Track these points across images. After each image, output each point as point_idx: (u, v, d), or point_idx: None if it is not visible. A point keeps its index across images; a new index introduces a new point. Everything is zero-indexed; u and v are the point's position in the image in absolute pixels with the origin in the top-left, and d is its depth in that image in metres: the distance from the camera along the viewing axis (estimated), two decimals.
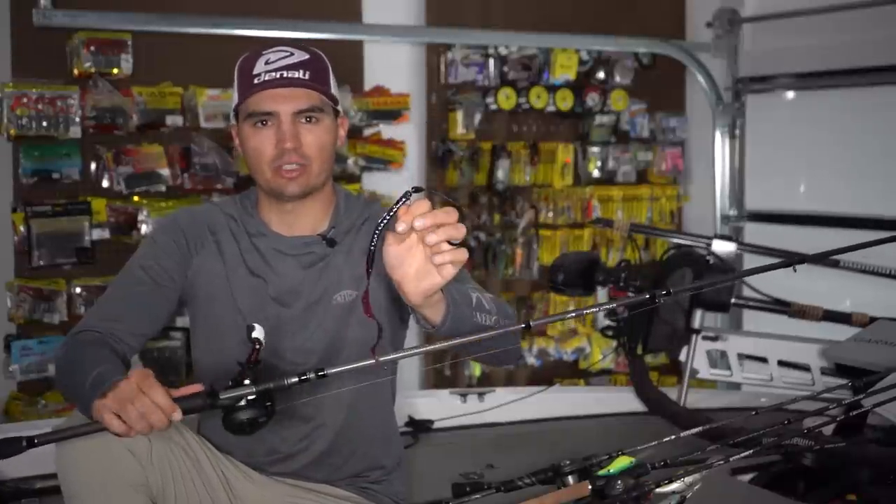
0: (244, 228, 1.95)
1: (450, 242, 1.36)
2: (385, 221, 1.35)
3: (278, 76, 1.82)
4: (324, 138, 1.87)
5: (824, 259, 1.85)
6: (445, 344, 1.46)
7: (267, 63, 1.84)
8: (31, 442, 1.52)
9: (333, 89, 1.91)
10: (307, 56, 1.87)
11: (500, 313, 1.66)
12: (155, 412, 1.50)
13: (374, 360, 1.44)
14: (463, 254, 1.39)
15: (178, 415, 1.52)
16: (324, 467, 1.96)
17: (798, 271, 1.65)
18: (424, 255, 1.39)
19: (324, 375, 1.46)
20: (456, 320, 1.52)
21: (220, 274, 1.92)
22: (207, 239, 1.94)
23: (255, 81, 1.83)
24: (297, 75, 1.83)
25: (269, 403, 1.53)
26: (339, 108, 1.94)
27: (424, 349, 1.46)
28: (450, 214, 1.35)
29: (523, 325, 1.48)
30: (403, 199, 1.33)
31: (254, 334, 1.60)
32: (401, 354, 1.51)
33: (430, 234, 1.34)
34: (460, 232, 1.36)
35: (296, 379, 1.48)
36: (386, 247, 1.39)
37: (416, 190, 1.34)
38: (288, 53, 1.86)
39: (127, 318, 1.85)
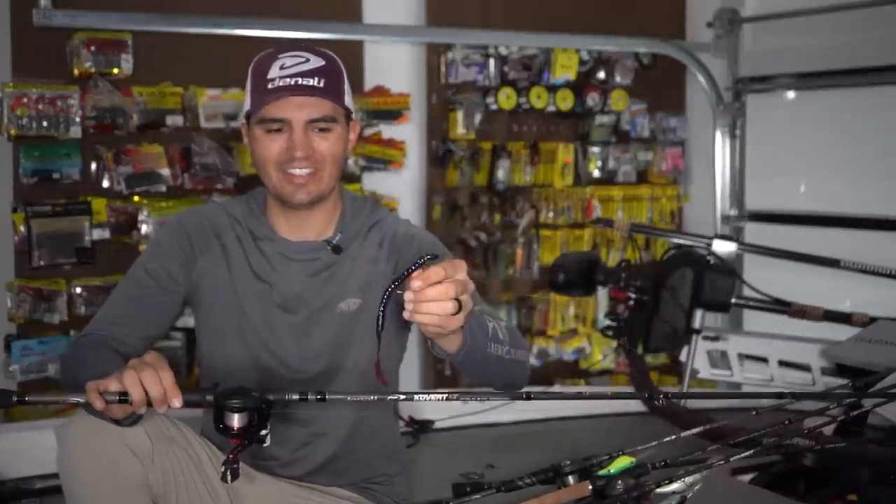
0: (250, 231, 1.94)
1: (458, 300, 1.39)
2: (396, 285, 1.40)
3: (293, 83, 1.80)
4: (335, 147, 1.85)
5: None
6: (454, 393, 1.49)
7: (282, 68, 1.81)
8: (22, 399, 1.51)
9: (347, 95, 1.88)
10: (322, 62, 1.84)
11: (512, 343, 1.68)
12: (155, 382, 1.48)
13: (375, 397, 1.49)
14: (453, 321, 1.41)
15: (178, 401, 1.50)
16: (326, 475, 1.95)
17: (798, 271, 1.65)
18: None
19: (323, 399, 1.49)
20: (470, 352, 1.54)
21: (224, 277, 1.91)
22: (212, 241, 1.93)
23: (269, 87, 1.80)
24: (311, 83, 1.80)
25: (267, 412, 1.52)
26: (353, 114, 1.92)
27: (441, 392, 1.49)
28: (440, 273, 1.37)
29: (524, 397, 1.54)
30: (417, 264, 1.38)
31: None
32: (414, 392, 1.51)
33: (425, 314, 1.38)
34: (453, 289, 1.37)
35: (296, 396, 1.51)
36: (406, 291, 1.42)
37: (431, 258, 1.39)
38: (304, 59, 1.83)
39: (131, 322, 1.86)
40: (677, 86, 5.05)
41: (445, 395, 1.48)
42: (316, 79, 1.81)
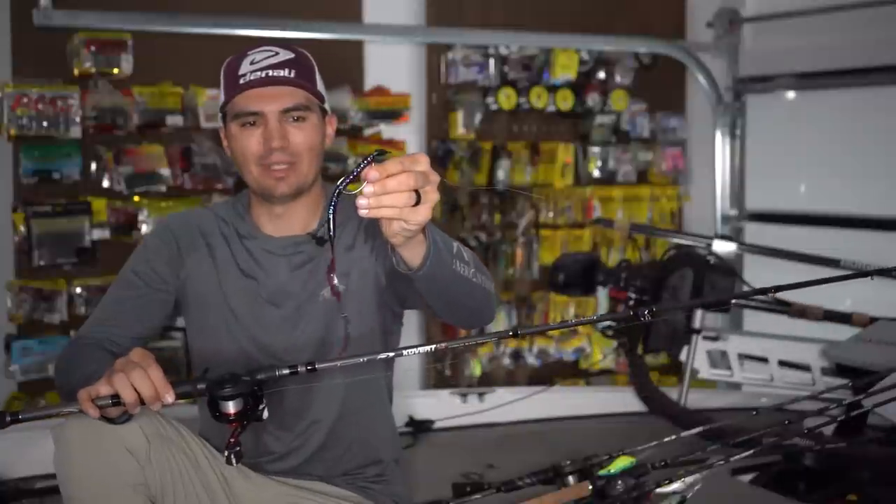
0: (235, 230, 1.97)
1: (417, 193, 1.29)
2: (345, 183, 1.30)
3: (263, 75, 1.82)
4: (312, 137, 1.87)
5: None
6: (442, 344, 1.45)
7: (252, 63, 1.84)
8: (15, 418, 1.53)
9: (320, 87, 1.91)
10: (292, 55, 1.87)
11: (477, 267, 1.64)
12: (145, 382, 1.51)
13: (364, 358, 1.44)
14: (413, 215, 1.30)
15: (170, 396, 1.53)
16: (320, 463, 1.96)
17: (798, 271, 1.65)
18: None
19: (314, 369, 1.47)
20: (435, 266, 1.47)
21: (211, 276, 1.94)
22: (199, 242, 1.96)
23: (241, 82, 1.83)
24: (282, 74, 1.83)
25: (260, 393, 1.53)
26: (327, 106, 1.94)
27: (418, 347, 1.46)
28: (399, 165, 1.28)
29: (511, 334, 1.48)
30: (366, 161, 1.28)
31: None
32: (396, 351, 1.50)
33: (383, 207, 1.28)
34: (412, 179, 1.27)
35: (286, 371, 1.50)
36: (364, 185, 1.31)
37: (380, 153, 1.30)
38: (273, 53, 1.86)
39: (122, 323, 1.89)
40: (677, 86, 5.05)
41: (434, 346, 1.45)
42: (287, 70, 1.84)
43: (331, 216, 1.33)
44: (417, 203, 1.30)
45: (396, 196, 1.28)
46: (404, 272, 1.49)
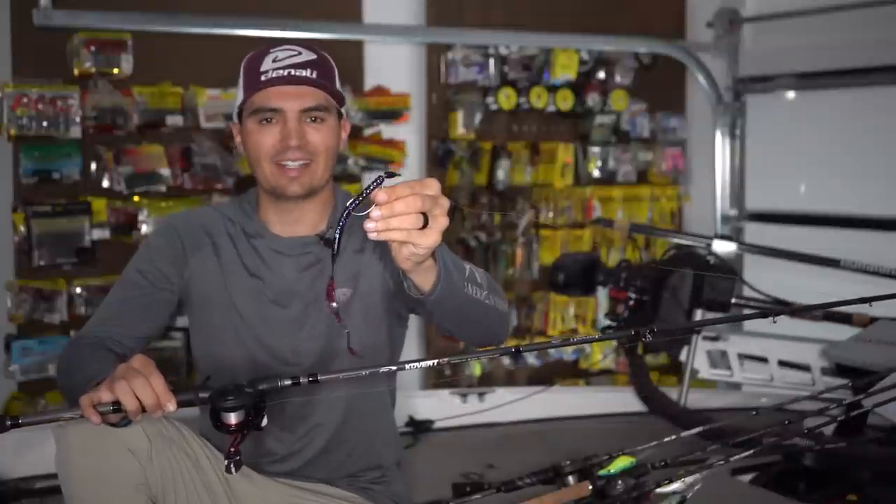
0: (242, 230, 1.96)
1: (425, 215, 1.30)
2: (356, 204, 1.30)
3: (286, 74, 1.82)
4: (328, 138, 1.87)
5: None
6: (445, 359, 1.46)
7: (275, 61, 1.84)
8: (16, 422, 1.53)
9: (339, 90, 1.91)
10: (315, 56, 1.87)
11: (490, 289, 1.63)
12: (146, 390, 1.50)
13: (367, 372, 1.45)
14: (422, 239, 1.32)
15: (172, 405, 1.52)
16: (322, 466, 1.96)
17: (798, 271, 1.65)
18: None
19: (316, 381, 1.47)
20: (446, 290, 1.48)
21: (216, 275, 1.93)
22: (204, 241, 1.95)
23: (263, 78, 1.83)
24: (305, 74, 1.83)
25: (262, 404, 1.53)
26: (343, 110, 1.94)
27: (421, 361, 1.46)
28: (408, 189, 1.29)
29: (513, 350, 1.48)
30: (376, 183, 1.29)
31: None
32: (397, 363, 1.50)
33: (391, 230, 1.29)
34: (419, 202, 1.29)
35: (288, 382, 1.49)
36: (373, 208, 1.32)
37: (390, 175, 1.30)
38: (296, 52, 1.86)
39: (125, 322, 1.88)
40: (677, 86, 5.05)
41: (436, 362, 1.45)
42: (309, 70, 1.84)
43: (338, 235, 1.34)
44: (426, 226, 1.31)
45: (404, 218, 1.29)
46: (416, 297, 1.49)
